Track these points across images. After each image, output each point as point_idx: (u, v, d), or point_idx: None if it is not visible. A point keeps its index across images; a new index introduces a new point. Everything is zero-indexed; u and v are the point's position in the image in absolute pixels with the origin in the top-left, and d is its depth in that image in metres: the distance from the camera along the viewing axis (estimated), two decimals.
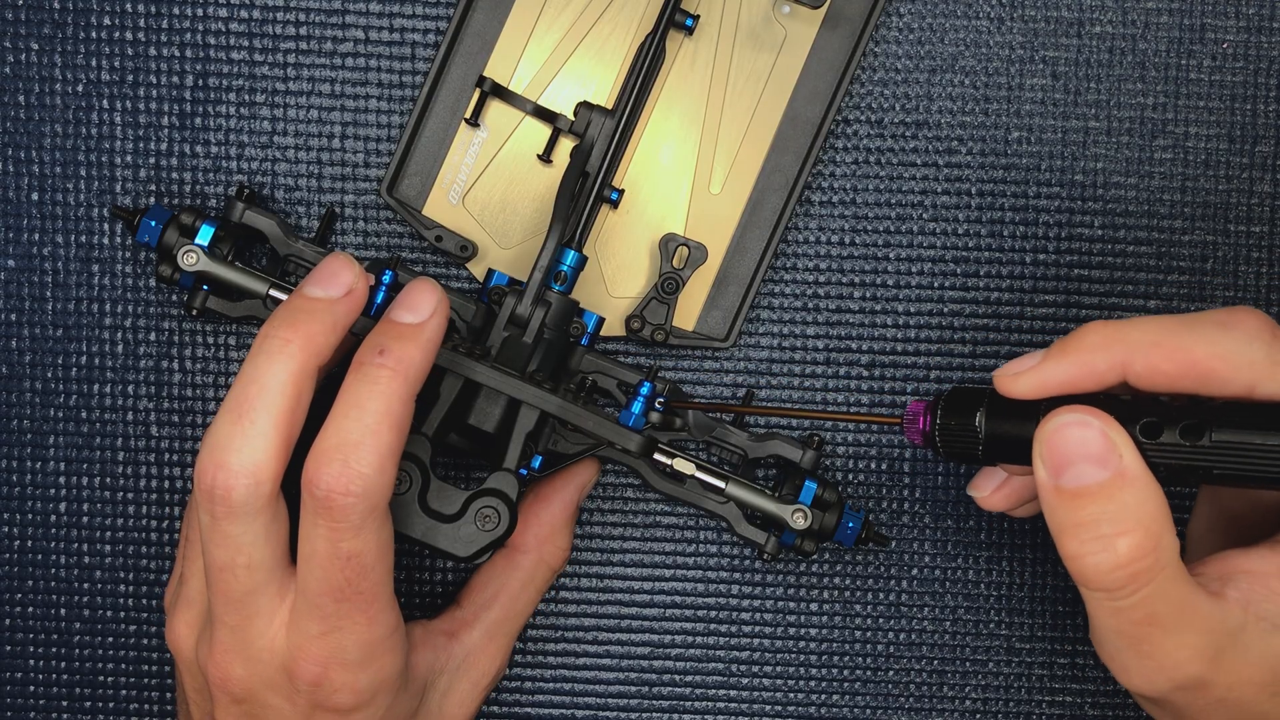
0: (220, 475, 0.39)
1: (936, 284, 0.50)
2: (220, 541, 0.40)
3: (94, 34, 0.49)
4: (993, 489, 0.43)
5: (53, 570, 0.51)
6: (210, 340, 0.50)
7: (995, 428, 0.39)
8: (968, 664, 0.52)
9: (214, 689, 0.41)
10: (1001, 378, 0.38)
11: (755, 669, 0.52)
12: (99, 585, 0.51)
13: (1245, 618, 0.37)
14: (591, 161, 0.47)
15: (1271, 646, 0.37)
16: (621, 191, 0.48)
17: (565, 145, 0.48)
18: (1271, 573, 0.37)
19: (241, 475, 0.39)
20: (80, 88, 0.49)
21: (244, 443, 0.39)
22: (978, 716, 0.52)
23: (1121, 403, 0.37)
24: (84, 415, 0.50)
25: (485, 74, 0.48)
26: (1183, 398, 0.38)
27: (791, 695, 0.52)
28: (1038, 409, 0.38)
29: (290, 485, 0.40)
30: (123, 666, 0.51)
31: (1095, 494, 0.36)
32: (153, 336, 0.50)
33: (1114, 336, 0.37)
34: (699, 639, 0.52)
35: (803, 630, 0.51)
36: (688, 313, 0.49)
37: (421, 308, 0.41)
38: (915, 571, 0.51)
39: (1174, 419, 0.36)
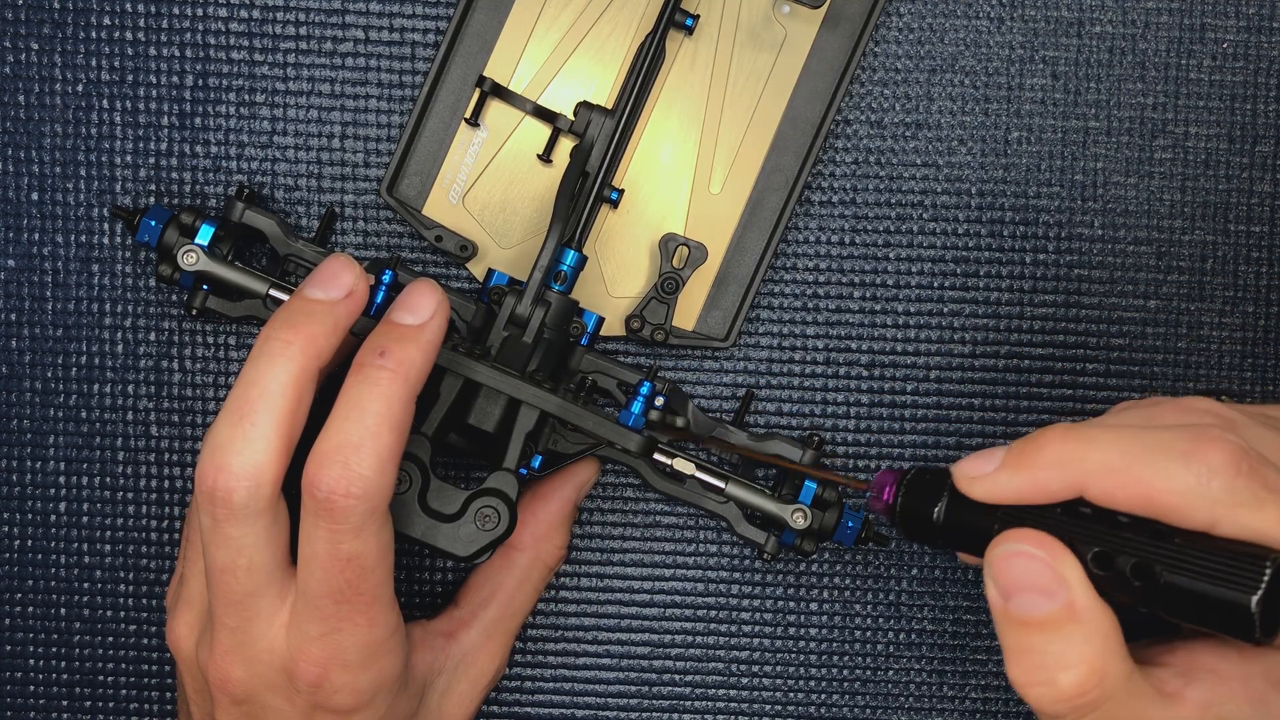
0: (221, 478, 0.39)
1: (936, 284, 0.50)
2: (221, 543, 0.40)
3: (94, 34, 0.49)
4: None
5: (53, 570, 0.51)
6: (210, 340, 0.50)
7: (953, 519, 0.38)
8: (968, 664, 0.52)
9: (214, 690, 0.41)
10: (960, 478, 0.38)
11: (755, 669, 0.52)
12: (99, 585, 0.51)
13: (1204, 719, 0.36)
14: (591, 161, 0.47)
15: None
16: (621, 191, 0.48)
17: (565, 145, 0.48)
18: (1237, 678, 0.36)
19: (242, 478, 0.39)
20: (80, 88, 0.49)
21: (244, 445, 0.39)
22: (978, 716, 0.52)
23: (1079, 521, 0.36)
24: (84, 415, 0.50)
25: (485, 74, 0.48)
26: (1144, 519, 0.36)
27: (791, 695, 0.52)
28: (995, 510, 0.37)
29: (291, 487, 0.40)
30: (123, 666, 0.51)
31: (1042, 624, 0.35)
32: (153, 336, 0.50)
33: (1071, 456, 0.36)
34: (699, 639, 0.52)
35: (803, 630, 0.51)
36: (688, 313, 0.49)
37: (422, 309, 0.41)
38: (915, 571, 0.51)
39: (1129, 550, 0.35)
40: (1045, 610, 0.35)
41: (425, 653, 0.45)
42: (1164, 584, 0.35)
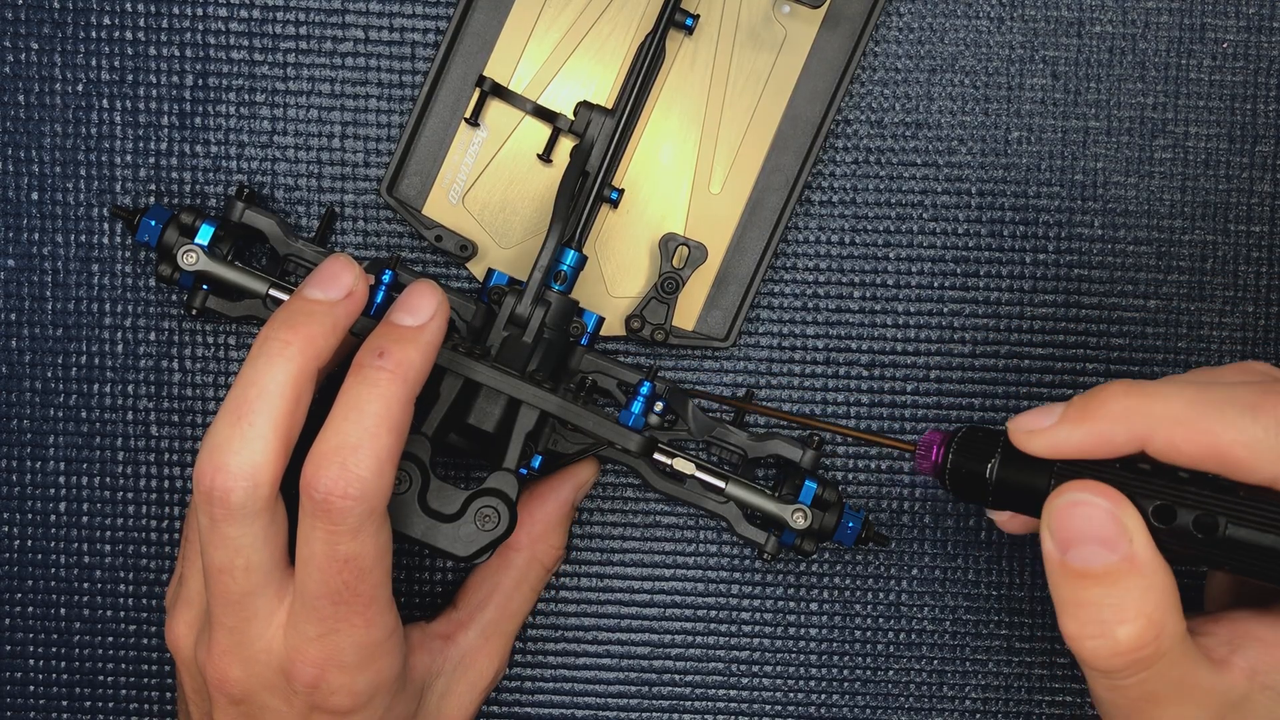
0: (219, 477, 0.39)
1: (936, 284, 0.50)
2: (219, 543, 0.40)
3: (94, 34, 0.49)
4: (1010, 515, 0.41)
5: (53, 570, 0.51)
6: (210, 340, 0.50)
7: (1006, 477, 0.38)
8: (968, 664, 0.52)
9: (212, 690, 0.41)
10: (1016, 432, 0.37)
11: (755, 669, 0.52)
12: (99, 585, 0.51)
13: (1250, 687, 0.36)
14: (591, 161, 0.47)
15: (1277, 716, 0.36)
16: (621, 191, 0.48)
17: (565, 145, 0.48)
18: None
19: (240, 478, 0.39)
20: (80, 88, 0.49)
21: (242, 445, 0.39)
22: (978, 716, 0.52)
23: (1139, 475, 0.36)
24: (84, 415, 0.50)
25: (485, 74, 0.48)
26: (1205, 474, 0.36)
27: (791, 695, 0.52)
28: (1051, 466, 0.37)
29: (290, 487, 0.40)
30: (123, 666, 0.51)
31: (1100, 577, 0.35)
32: (153, 336, 0.50)
33: (1136, 408, 0.35)
34: (699, 639, 0.52)
35: (803, 630, 0.51)
36: (688, 312, 0.49)
37: (421, 310, 0.41)
38: (915, 571, 0.51)
39: (1191, 504, 0.35)
40: (1105, 561, 0.35)
41: (423, 654, 0.45)
42: (1228, 537, 0.34)
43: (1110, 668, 0.35)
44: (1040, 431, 0.37)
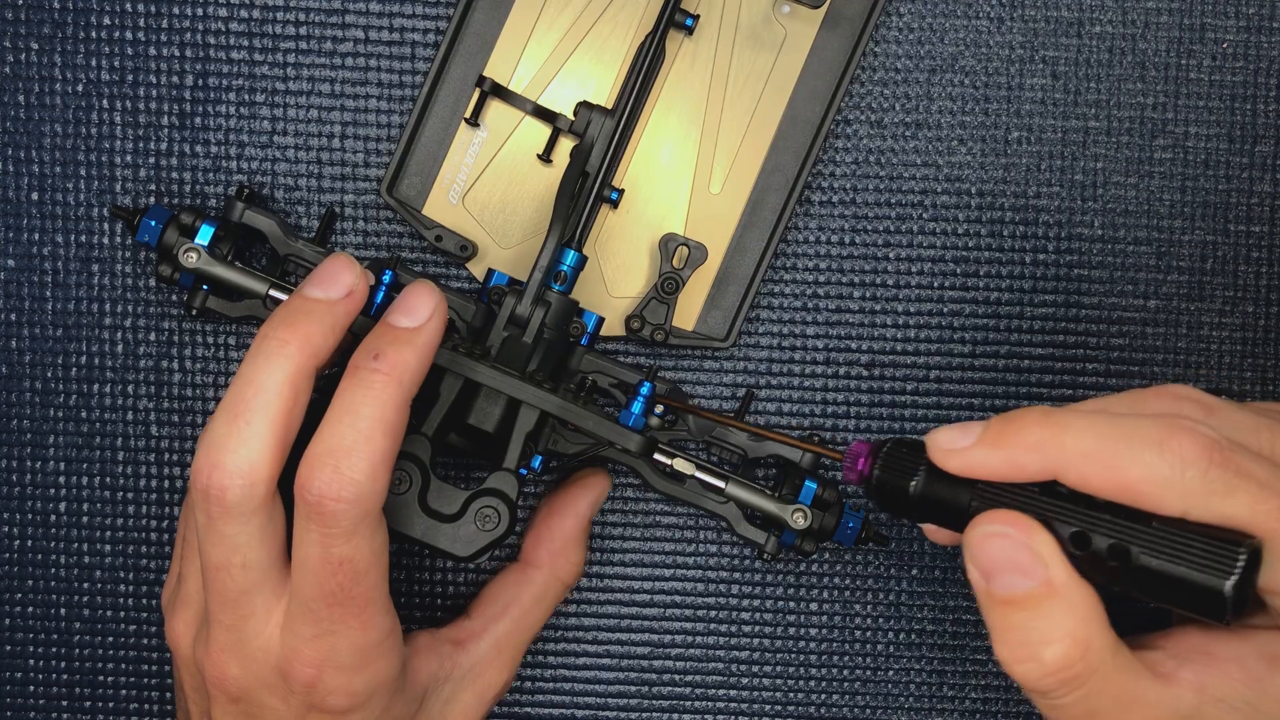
0: (216, 475, 0.39)
1: (936, 284, 0.50)
2: (216, 541, 0.40)
3: (94, 34, 0.49)
4: (936, 527, 0.42)
5: (53, 570, 0.51)
6: (210, 340, 0.50)
7: (929, 493, 0.38)
8: (968, 664, 0.52)
9: (211, 687, 0.41)
10: (935, 450, 0.38)
11: (755, 669, 0.52)
12: (99, 585, 0.51)
13: (1200, 701, 0.36)
14: (591, 161, 0.47)
15: None
16: (621, 191, 0.48)
17: (565, 145, 0.48)
18: (1231, 658, 0.37)
19: (237, 476, 0.39)
20: (80, 88, 0.49)
21: (239, 443, 0.39)
22: (978, 716, 0.52)
23: (1058, 500, 0.37)
24: (84, 415, 0.50)
25: (485, 74, 0.48)
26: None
27: (791, 695, 0.52)
28: (973, 484, 0.37)
29: (288, 485, 0.40)
30: (123, 666, 0.51)
31: (1022, 602, 0.36)
32: (153, 336, 0.50)
33: (1049, 441, 0.36)
34: (699, 639, 0.52)
35: (803, 630, 0.51)
36: (688, 313, 0.49)
37: (419, 312, 0.41)
38: (915, 571, 0.51)
39: (1105, 531, 0.36)
40: (1025, 588, 0.35)
41: (430, 659, 0.45)
42: (1139, 566, 0.35)
43: (1044, 688, 0.36)
44: (957, 452, 0.37)
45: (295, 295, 0.41)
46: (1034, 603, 0.35)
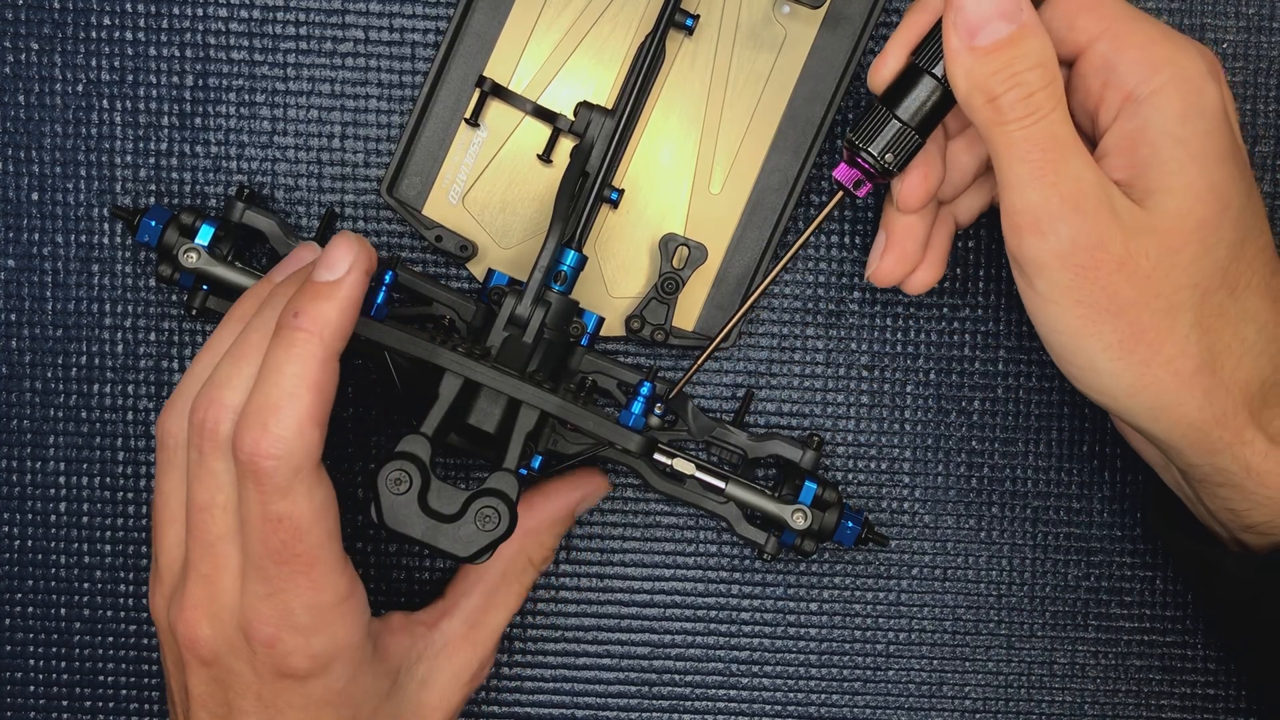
0: (212, 410, 0.40)
1: (936, 284, 0.50)
2: (204, 478, 0.41)
3: (94, 34, 0.49)
4: (879, 257, 0.45)
5: (53, 570, 0.51)
6: None
7: (907, 73, 0.43)
8: (968, 664, 0.52)
9: (184, 652, 0.42)
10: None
11: (755, 669, 0.52)
12: (99, 585, 0.51)
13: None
14: (591, 161, 0.47)
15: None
16: (621, 191, 0.48)
17: (565, 145, 0.48)
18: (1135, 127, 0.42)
19: (234, 410, 0.40)
20: (80, 88, 0.49)
21: (241, 383, 0.40)
22: (978, 716, 0.52)
23: None
24: (84, 415, 0.50)
25: (485, 74, 0.48)
26: None
27: (791, 695, 0.52)
28: (916, 68, 0.42)
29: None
30: (123, 666, 0.51)
31: (1006, 44, 0.40)
32: (153, 336, 0.50)
33: None
34: (699, 639, 0.52)
35: (803, 630, 0.52)
36: (688, 313, 0.49)
37: (338, 265, 0.41)
38: (915, 571, 0.51)
39: None
40: (1008, 31, 0.40)
41: (404, 637, 0.45)
42: None
43: (1025, 110, 0.40)
44: None
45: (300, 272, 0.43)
46: (1015, 41, 0.40)
